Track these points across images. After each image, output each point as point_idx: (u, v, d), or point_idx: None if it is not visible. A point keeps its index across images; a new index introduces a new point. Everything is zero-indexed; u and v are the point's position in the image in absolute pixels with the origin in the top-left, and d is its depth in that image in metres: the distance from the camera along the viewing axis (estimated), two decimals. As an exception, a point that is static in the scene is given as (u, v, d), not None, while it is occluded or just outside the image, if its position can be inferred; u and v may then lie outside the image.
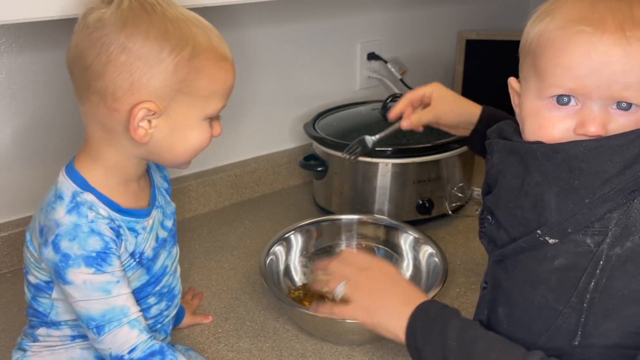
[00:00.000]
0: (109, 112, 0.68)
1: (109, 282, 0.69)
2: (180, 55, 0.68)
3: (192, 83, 0.69)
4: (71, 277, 0.68)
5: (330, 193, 1.28)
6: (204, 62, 0.70)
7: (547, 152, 0.62)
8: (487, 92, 1.68)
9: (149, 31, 0.66)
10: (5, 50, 1.03)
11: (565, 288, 0.62)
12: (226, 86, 0.74)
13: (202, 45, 0.70)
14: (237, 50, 1.29)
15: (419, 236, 1.05)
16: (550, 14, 0.62)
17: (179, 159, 0.74)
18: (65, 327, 0.76)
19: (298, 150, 1.47)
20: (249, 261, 1.16)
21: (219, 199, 1.36)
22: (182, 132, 0.72)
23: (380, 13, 1.53)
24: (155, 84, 0.67)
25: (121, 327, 0.69)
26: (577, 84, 0.59)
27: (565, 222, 0.60)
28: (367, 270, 0.80)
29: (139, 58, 0.66)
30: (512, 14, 1.84)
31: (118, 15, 0.66)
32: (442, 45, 1.71)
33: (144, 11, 0.67)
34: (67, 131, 1.09)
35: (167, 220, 0.82)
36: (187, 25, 0.69)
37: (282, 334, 0.95)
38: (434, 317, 0.70)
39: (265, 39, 1.33)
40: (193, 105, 0.71)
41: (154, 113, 0.68)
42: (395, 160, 1.17)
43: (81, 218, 0.68)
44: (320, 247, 1.11)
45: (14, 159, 1.09)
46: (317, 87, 1.47)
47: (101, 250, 0.68)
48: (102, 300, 0.68)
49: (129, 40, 0.66)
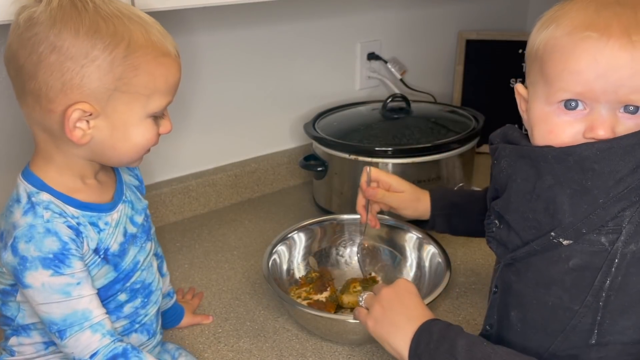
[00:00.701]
0: (46, 114, 0.67)
1: (68, 284, 0.67)
2: (114, 52, 0.65)
3: (130, 81, 0.67)
4: (29, 280, 0.66)
5: (330, 193, 1.28)
6: (141, 58, 0.67)
7: (558, 155, 0.62)
8: (487, 92, 1.69)
9: (78, 29, 0.64)
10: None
11: (581, 288, 0.62)
12: (168, 83, 0.71)
13: (138, 41, 0.67)
14: (237, 49, 1.30)
15: (422, 236, 1.05)
16: (556, 21, 0.63)
17: (124, 158, 0.73)
18: (34, 333, 0.74)
19: (298, 150, 1.47)
20: (249, 261, 1.16)
21: (219, 199, 1.36)
22: (123, 131, 0.69)
23: (380, 13, 1.53)
24: (89, 84, 0.65)
25: (83, 332, 0.68)
26: (584, 88, 0.60)
27: (580, 223, 0.61)
28: (392, 285, 0.80)
29: (70, 57, 0.64)
30: (512, 14, 1.85)
31: (47, 14, 0.64)
32: (442, 45, 1.71)
33: (74, 8, 0.64)
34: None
35: (137, 216, 0.80)
36: (121, 21, 0.66)
37: (282, 334, 0.95)
38: (438, 337, 0.69)
39: (265, 38, 1.33)
40: (133, 104, 0.69)
41: (90, 114, 0.66)
42: (395, 160, 1.17)
43: (37, 219, 0.67)
44: (323, 247, 1.11)
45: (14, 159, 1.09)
46: (317, 87, 1.47)
47: (58, 252, 0.67)
48: (63, 304, 0.67)
49: (58, 39, 0.63)
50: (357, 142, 1.21)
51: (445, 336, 0.69)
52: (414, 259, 1.06)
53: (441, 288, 0.91)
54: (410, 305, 0.76)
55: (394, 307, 0.76)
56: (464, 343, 0.67)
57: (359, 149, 1.19)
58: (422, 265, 1.04)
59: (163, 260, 0.94)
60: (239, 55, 1.31)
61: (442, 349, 0.68)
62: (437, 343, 0.69)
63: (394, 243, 1.08)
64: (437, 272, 0.98)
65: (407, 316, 0.74)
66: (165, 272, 0.94)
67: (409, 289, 0.79)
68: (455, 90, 1.71)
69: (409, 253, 1.07)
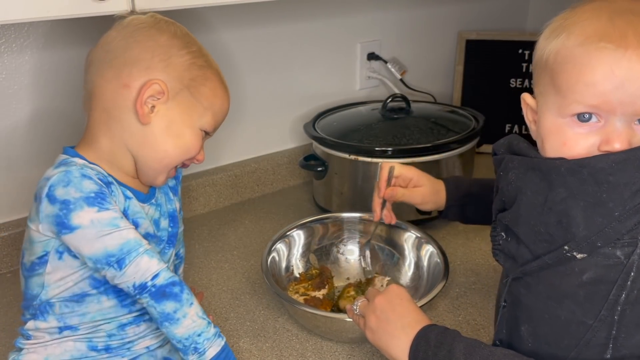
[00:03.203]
0: (120, 89, 0.73)
1: (114, 217, 0.70)
2: (196, 59, 0.77)
3: (199, 87, 0.77)
4: (77, 220, 0.68)
5: (330, 193, 1.28)
6: (212, 76, 0.79)
7: (571, 168, 0.60)
8: (487, 92, 1.69)
9: (176, 32, 0.77)
10: (6, 50, 1.03)
11: (595, 301, 0.61)
12: (221, 109, 0.81)
13: (213, 65, 0.80)
14: (238, 49, 1.30)
15: (421, 235, 1.05)
16: (567, 30, 0.61)
17: (166, 158, 0.77)
18: (51, 317, 0.75)
19: (298, 150, 1.47)
20: (249, 261, 1.16)
21: (219, 199, 1.36)
22: (178, 128, 0.76)
23: (380, 13, 1.53)
24: (170, 72, 0.74)
25: (141, 256, 0.70)
26: (600, 101, 0.59)
27: (594, 237, 0.59)
28: (381, 293, 0.80)
29: (163, 46, 0.74)
30: (512, 14, 1.85)
31: (152, 19, 0.77)
32: (442, 45, 1.71)
33: (173, 24, 0.78)
34: (68, 131, 1.10)
35: (162, 219, 0.83)
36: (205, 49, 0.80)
37: (282, 334, 0.95)
38: (436, 343, 0.69)
39: (265, 38, 1.34)
40: (193, 109, 0.77)
41: (161, 95, 0.74)
42: (395, 160, 1.17)
43: (70, 167, 0.70)
44: (322, 244, 1.12)
45: (15, 159, 1.09)
46: (317, 87, 1.47)
47: (98, 191, 0.70)
48: (116, 234, 0.70)
49: (159, 32, 0.75)
50: (357, 142, 1.21)
51: (443, 342, 0.69)
52: (412, 258, 1.06)
53: (439, 288, 0.91)
54: (403, 312, 0.76)
55: (387, 317, 0.76)
56: (462, 347, 0.67)
57: (359, 149, 1.19)
58: (420, 265, 1.04)
59: (182, 261, 0.95)
60: (239, 56, 1.31)
61: (440, 355, 0.68)
62: (435, 349, 0.68)
63: (392, 242, 1.08)
64: (436, 271, 0.98)
65: (402, 324, 0.74)
66: (180, 273, 0.95)
67: (400, 295, 0.78)
68: (455, 90, 1.71)
69: (407, 252, 1.07)
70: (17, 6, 0.74)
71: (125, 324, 0.78)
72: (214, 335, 0.73)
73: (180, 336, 0.71)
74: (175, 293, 0.71)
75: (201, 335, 0.71)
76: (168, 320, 0.71)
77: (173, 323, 0.71)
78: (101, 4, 0.78)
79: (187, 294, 0.72)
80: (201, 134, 0.79)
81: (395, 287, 0.80)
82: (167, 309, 0.70)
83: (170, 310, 0.70)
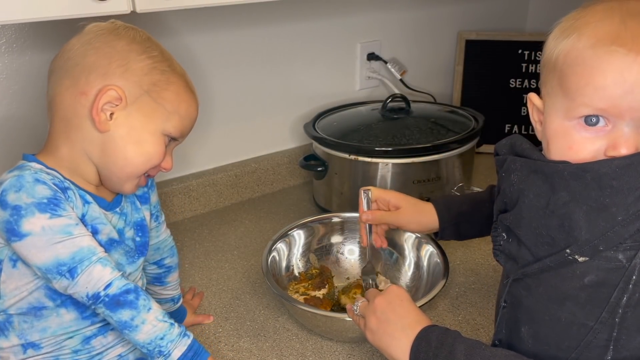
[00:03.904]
0: (77, 97, 0.72)
1: (67, 224, 0.68)
2: (158, 63, 0.75)
3: (161, 92, 0.75)
4: (27, 227, 0.66)
5: (330, 193, 1.28)
6: (175, 80, 0.76)
7: (575, 172, 0.60)
8: (487, 92, 1.69)
9: (135, 37, 0.74)
10: (6, 51, 1.03)
11: (596, 304, 0.61)
12: (188, 113, 0.78)
13: (177, 69, 0.77)
14: (238, 50, 1.30)
15: (421, 235, 1.05)
16: (577, 30, 0.60)
17: (128, 166, 0.75)
18: (12, 335, 0.73)
19: (298, 150, 1.47)
20: (249, 261, 1.16)
21: (219, 199, 1.37)
22: (138, 135, 0.74)
23: (380, 13, 1.53)
24: (128, 77, 0.72)
25: (94, 265, 0.68)
26: (609, 105, 0.58)
27: (597, 240, 0.59)
28: (381, 294, 0.80)
29: (120, 52, 0.73)
30: (512, 14, 1.85)
31: (111, 25, 0.75)
32: (442, 45, 1.71)
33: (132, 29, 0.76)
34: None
35: (127, 229, 0.80)
36: (169, 53, 0.78)
37: (282, 334, 0.95)
38: (437, 344, 0.69)
39: (265, 38, 1.34)
40: (155, 114, 0.75)
41: (119, 102, 0.72)
42: (395, 160, 1.18)
43: (24, 171, 0.69)
44: (322, 244, 1.12)
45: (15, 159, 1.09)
46: (317, 87, 1.47)
47: (51, 197, 0.68)
48: (68, 241, 0.67)
49: (117, 38, 0.73)
50: (357, 142, 1.21)
51: (443, 343, 0.69)
52: (412, 258, 1.06)
53: (439, 288, 0.91)
54: (403, 313, 0.76)
55: (388, 317, 0.76)
56: (463, 348, 0.67)
57: (359, 149, 1.19)
58: (420, 265, 1.04)
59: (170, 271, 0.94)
60: (239, 56, 1.31)
61: (441, 356, 0.68)
62: (435, 350, 0.68)
63: (392, 242, 1.08)
64: (436, 271, 0.98)
65: (402, 325, 0.74)
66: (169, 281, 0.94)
67: (400, 296, 0.78)
68: (455, 90, 1.71)
69: (407, 252, 1.07)
70: (17, 6, 0.74)
71: (90, 337, 0.75)
72: (179, 336, 0.71)
73: (142, 342, 0.70)
74: (130, 301, 0.69)
75: (164, 338, 0.70)
76: (127, 328, 0.69)
77: (132, 330, 0.69)
78: (101, 4, 0.78)
79: (143, 300, 0.70)
80: (164, 139, 0.76)
81: (395, 287, 0.80)
82: (124, 317, 0.69)
83: (127, 318, 0.69)
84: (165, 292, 0.94)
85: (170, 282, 0.94)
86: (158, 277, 0.93)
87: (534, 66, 1.65)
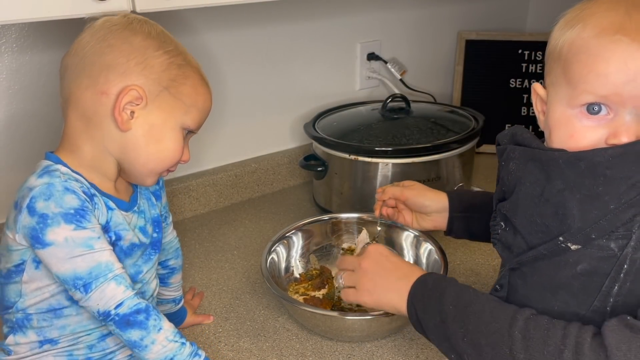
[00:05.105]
0: (97, 96, 0.71)
1: (90, 237, 0.68)
2: (174, 58, 0.75)
3: (179, 87, 0.75)
4: (51, 236, 0.67)
5: (330, 193, 1.28)
6: (192, 74, 0.77)
7: (569, 160, 0.61)
8: (487, 92, 1.69)
9: (150, 32, 0.74)
10: (6, 51, 1.03)
11: (588, 293, 0.61)
12: (204, 105, 0.79)
13: (192, 63, 0.78)
14: (237, 49, 1.30)
15: (419, 234, 1.05)
16: (582, 21, 0.61)
17: (148, 164, 0.76)
18: (30, 332, 0.74)
19: (298, 150, 1.47)
20: (249, 261, 1.16)
21: (219, 199, 1.37)
22: (159, 132, 0.75)
23: (380, 13, 1.53)
24: (147, 75, 0.72)
25: (108, 283, 0.69)
26: (611, 92, 0.58)
27: (589, 229, 0.60)
28: (364, 256, 0.83)
29: (138, 49, 0.72)
30: (512, 14, 1.85)
31: (124, 19, 0.74)
32: (442, 45, 1.71)
33: (146, 22, 0.75)
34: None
35: (148, 225, 0.81)
36: (182, 46, 0.78)
37: (282, 334, 0.95)
38: (432, 287, 0.74)
39: (265, 38, 1.34)
40: (175, 108, 0.75)
41: (140, 101, 0.72)
42: (395, 160, 1.18)
43: (54, 178, 0.69)
44: (321, 245, 1.12)
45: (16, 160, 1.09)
46: (317, 87, 1.47)
47: (79, 207, 0.68)
48: (88, 256, 0.68)
49: (132, 34, 0.73)
50: (357, 142, 1.21)
51: (438, 286, 0.73)
52: (411, 257, 1.06)
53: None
54: (393, 267, 0.80)
55: (380, 274, 0.80)
56: (453, 291, 0.71)
57: (359, 149, 1.19)
58: (419, 263, 1.04)
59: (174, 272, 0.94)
60: (239, 56, 1.31)
61: (433, 297, 0.72)
62: (430, 292, 0.73)
63: (391, 241, 1.08)
64: (435, 269, 0.98)
65: (397, 277, 0.78)
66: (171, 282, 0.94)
67: (383, 253, 0.83)
68: (455, 90, 1.71)
69: (406, 251, 1.07)
70: (17, 6, 0.74)
71: (106, 335, 0.77)
72: (189, 356, 0.72)
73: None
74: (139, 321, 0.69)
75: (174, 359, 0.71)
76: (136, 347, 0.70)
77: (142, 350, 0.70)
78: (101, 4, 0.78)
79: (154, 320, 0.70)
80: (183, 133, 0.77)
81: (373, 247, 0.84)
82: (133, 337, 0.69)
83: (136, 338, 0.69)
84: (167, 293, 0.94)
85: (173, 284, 0.94)
86: (161, 277, 0.93)
87: (534, 66, 1.65)
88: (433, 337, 0.72)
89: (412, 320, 0.75)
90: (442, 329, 0.69)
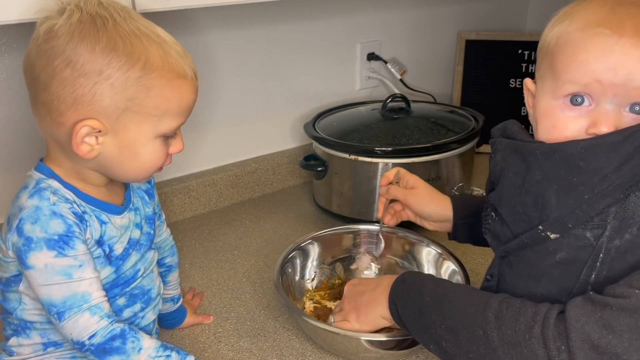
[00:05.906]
0: (55, 125, 0.68)
1: (70, 265, 0.68)
2: (129, 72, 0.66)
3: (142, 102, 0.67)
4: (32, 260, 0.67)
5: (330, 193, 1.28)
6: (155, 80, 0.67)
7: (545, 151, 0.63)
8: (487, 92, 1.69)
9: (95, 46, 0.64)
10: (6, 51, 1.03)
11: (568, 281, 0.64)
12: (182, 105, 0.71)
13: (154, 63, 0.67)
14: (238, 49, 1.30)
15: (442, 251, 1.00)
16: (570, 17, 0.64)
17: (130, 175, 0.74)
18: (33, 333, 0.74)
19: (298, 150, 1.47)
20: (249, 261, 1.16)
21: (219, 199, 1.37)
22: (131, 149, 0.70)
23: (381, 13, 1.53)
24: (100, 101, 0.66)
25: (82, 314, 0.68)
26: (591, 79, 0.60)
27: (566, 218, 0.62)
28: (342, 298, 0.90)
29: (83, 74, 0.65)
30: (512, 14, 1.85)
31: (66, 28, 0.65)
32: (442, 45, 1.71)
33: (93, 25, 0.65)
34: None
35: (143, 222, 0.81)
36: (140, 40, 0.66)
37: (282, 334, 0.95)
38: (410, 283, 0.77)
39: (265, 38, 1.34)
40: (143, 124, 0.69)
41: (99, 131, 0.67)
42: (395, 160, 1.18)
43: (42, 201, 0.68)
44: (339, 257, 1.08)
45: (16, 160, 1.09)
46: (317, 87, 1.47)
47: (63, 234, 0.67)
48: (64, 285, 0.67)
49: (74, 53, 0.64)
50: (357, 142, 1.21)
51: (415, 281, 0.77)
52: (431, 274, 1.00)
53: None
54: (370, 282, 0.85)
55: (359, 297, 0.84)
56: (430, 284, 0.74)
57: (359, 149, 1.19)
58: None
59: (171, 269, 0.94)
60: (239, 55, 1.31)
61: (412, 292, 0.75)
62: (409, 287, 0.76)
63: (411, 257, 1.04)
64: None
65: (374, 290, 0.82)
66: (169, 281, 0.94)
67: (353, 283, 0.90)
68: (454, 90, 1.71)
69: (426, 269, 1.03)
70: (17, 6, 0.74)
71: None
72: None
73: None
74: (116, 347, 0.69)
75: None
76: None
77: None
78: (101, 4, 0.78)
79: (131, 343, 0.69)
80: (161, 139, 0.72)
81: (346, 285, 0.90)
82: None
83: None
84: (165, 291, 0.94)
85: (170, 282, 0.94)
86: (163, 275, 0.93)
87: (534, 66, 1.64)
88: (413, 330, 0.74)
89: (394, 317, 0.78)
90: (421, 321, 0.72)
